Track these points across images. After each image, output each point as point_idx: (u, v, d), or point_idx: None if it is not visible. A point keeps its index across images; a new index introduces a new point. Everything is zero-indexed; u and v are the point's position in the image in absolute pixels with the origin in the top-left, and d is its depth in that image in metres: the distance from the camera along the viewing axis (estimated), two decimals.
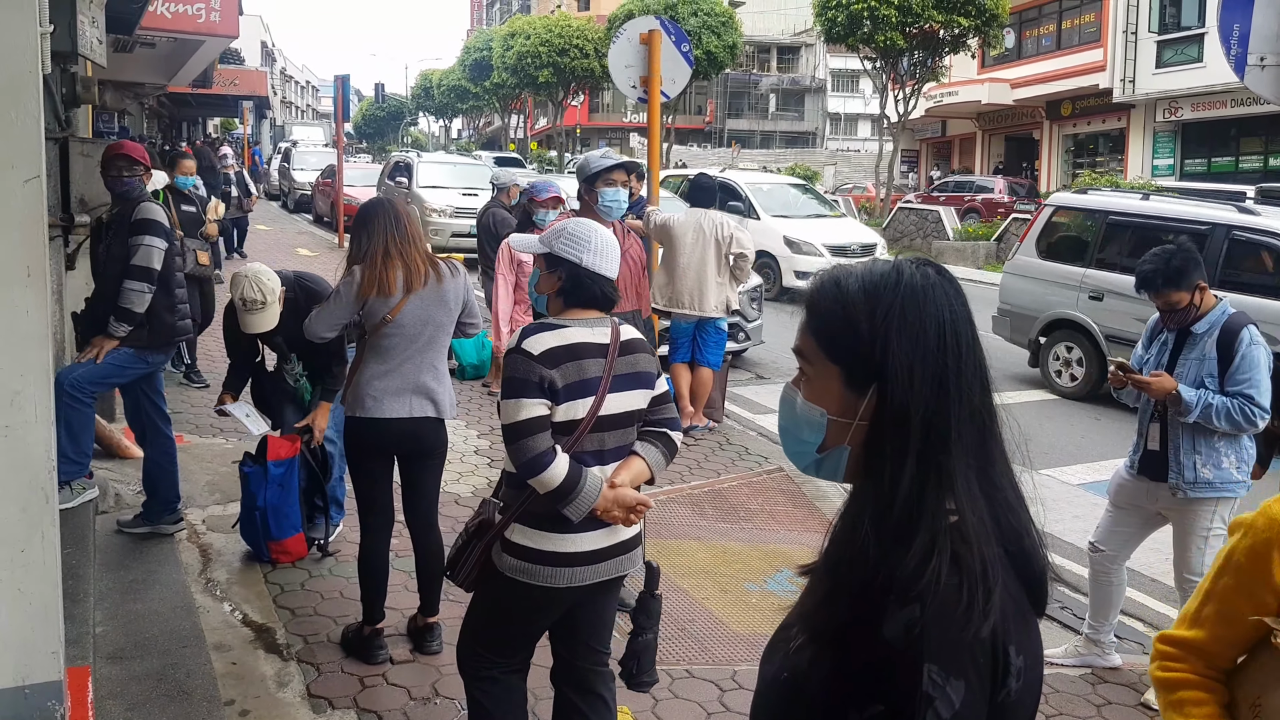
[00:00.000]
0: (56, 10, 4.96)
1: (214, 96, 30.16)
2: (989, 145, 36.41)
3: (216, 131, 53.45)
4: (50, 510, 2.54)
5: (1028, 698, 1.20)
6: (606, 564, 2.77)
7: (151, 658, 3.82)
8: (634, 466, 2.80)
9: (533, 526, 2.71)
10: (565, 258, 2.74)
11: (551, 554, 2.69)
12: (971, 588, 1.13)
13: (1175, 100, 26.48)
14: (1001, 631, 1.15)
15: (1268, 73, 3.86)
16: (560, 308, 2.79)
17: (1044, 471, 7.11)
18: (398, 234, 3.73)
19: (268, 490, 4.55)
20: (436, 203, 17.30)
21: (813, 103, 63.71)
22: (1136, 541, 4.17)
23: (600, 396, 2.71)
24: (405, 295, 3.70)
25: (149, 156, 5.03)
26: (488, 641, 2.85)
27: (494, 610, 2.83)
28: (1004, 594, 1.17)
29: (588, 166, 4.90)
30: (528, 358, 2.63)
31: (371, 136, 79.25)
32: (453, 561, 2.88)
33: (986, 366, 1.24)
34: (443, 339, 3.85)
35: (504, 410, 2.66)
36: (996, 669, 1.16)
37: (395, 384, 3.73)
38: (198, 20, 13.56)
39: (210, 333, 9.96)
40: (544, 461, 2.61)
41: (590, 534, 2.72)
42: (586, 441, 2.71)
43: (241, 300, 4.40)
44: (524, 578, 2.71)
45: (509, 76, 43.19)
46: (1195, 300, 3.83)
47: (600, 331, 2.75)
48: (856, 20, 24.97)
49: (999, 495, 1.23)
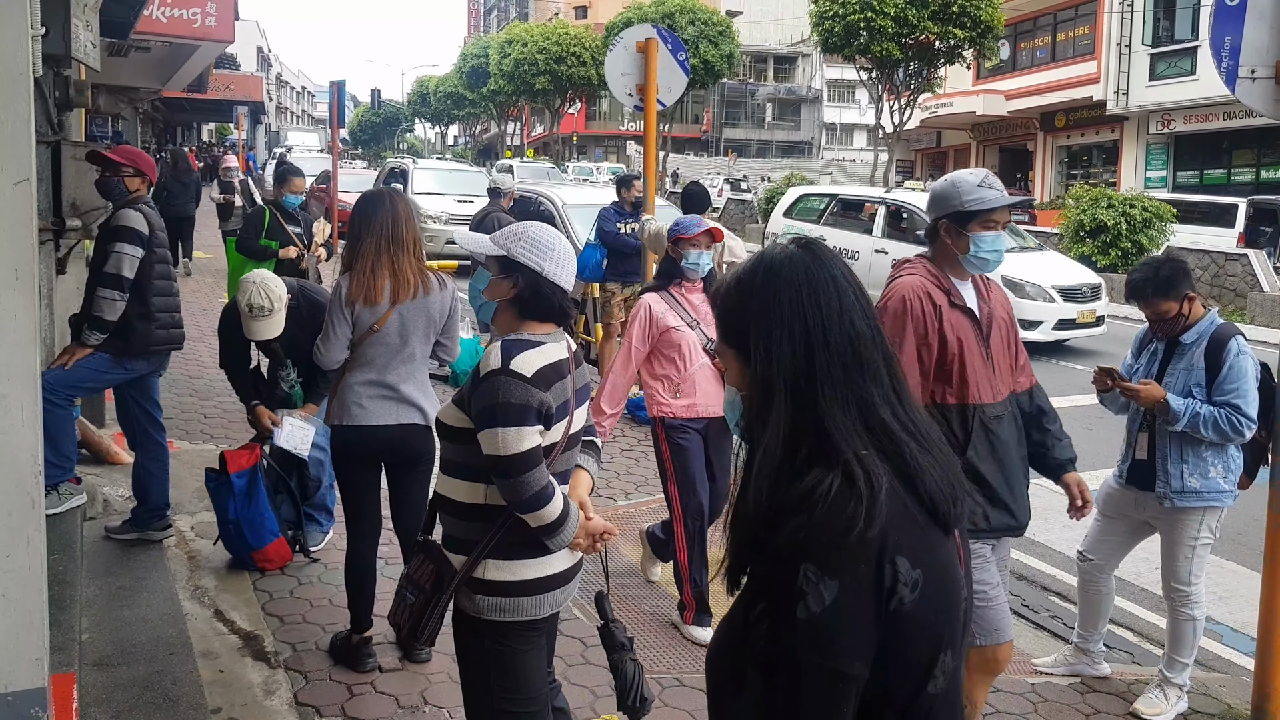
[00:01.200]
0: (50, 13, 4.96)
1: (209, 101, 30.15)
2: (983, 156, 36.51)
3: (211, 136, 53.42)
4: (36, 515, 2.53)
5: (932, 615, 1.27)
6: (574, 582, 2.69)
7: (138, 665, 3.81)
8: (585, 482, 2.72)
9: (508, 558, 2.51)
10: (525, 264, 2.52)
11: (531, 582, 2.52)
12: (856, 498, 1.25)
13: (1168, 113, 26.62)
14: (892, 544, 1.24)
15: (1259, 85, 3.87)
16: (513, 320, 2.57)
17: (1035, 481, 7.11)
18: (392, 241, 3.69)
19: (235, 503, 4.52)
20: (431, 209, 17.32)
21: (809, 112, 63.94)
22: (1125, 551, 4.18)
23: (571, 416, 2.58)
24: (392, 306, 3.68)
25: (140, 159, 4.92)
26: (514, 697, 2.57)
27: (499, 663, 2.56)
28: (898, 510, 1.27)
29: None
30: (522, 380, 2.41)
31: (367, 143, 79.29)
32: (415, 628, 2.56)
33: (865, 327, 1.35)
34: (425, 350, 3.82)
35: (498, 440, 2.38)
36: (882, 576, 1.24)
37: (381, 392, 3.72)
38: (193, 25, 13.54)
39: (203, 339, 9.95)
40: (548, 495, 2.44)
41: (561, 554, 2.60)
42: (557, 463, 2.56)
43: (249, 306, 4.35)
44: (508, 615, 2.51)
45: (506, 84, 43.29)
46: (1184, 310, 3.84)
47: (562, 345, 2.59)
48: (853, 31, 25.08)
49: (887, 434, 1.32)
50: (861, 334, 1.35)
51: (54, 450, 4.55)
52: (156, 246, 4.78)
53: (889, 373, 1.36)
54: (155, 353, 4.87)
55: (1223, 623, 4.95)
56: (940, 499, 1.32)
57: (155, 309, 4.78)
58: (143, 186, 4.86)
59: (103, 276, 4.59)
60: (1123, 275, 13.77)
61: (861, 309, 1.38)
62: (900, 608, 1.25)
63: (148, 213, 4.76)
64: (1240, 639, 4.77)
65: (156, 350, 4.87)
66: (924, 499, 1.30)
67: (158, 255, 4.80)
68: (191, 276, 14.25)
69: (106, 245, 4.63)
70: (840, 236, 13.77)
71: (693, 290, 4.50)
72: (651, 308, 4.42)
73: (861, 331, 1.36)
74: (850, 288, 1.38)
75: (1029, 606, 5.04)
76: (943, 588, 1.30)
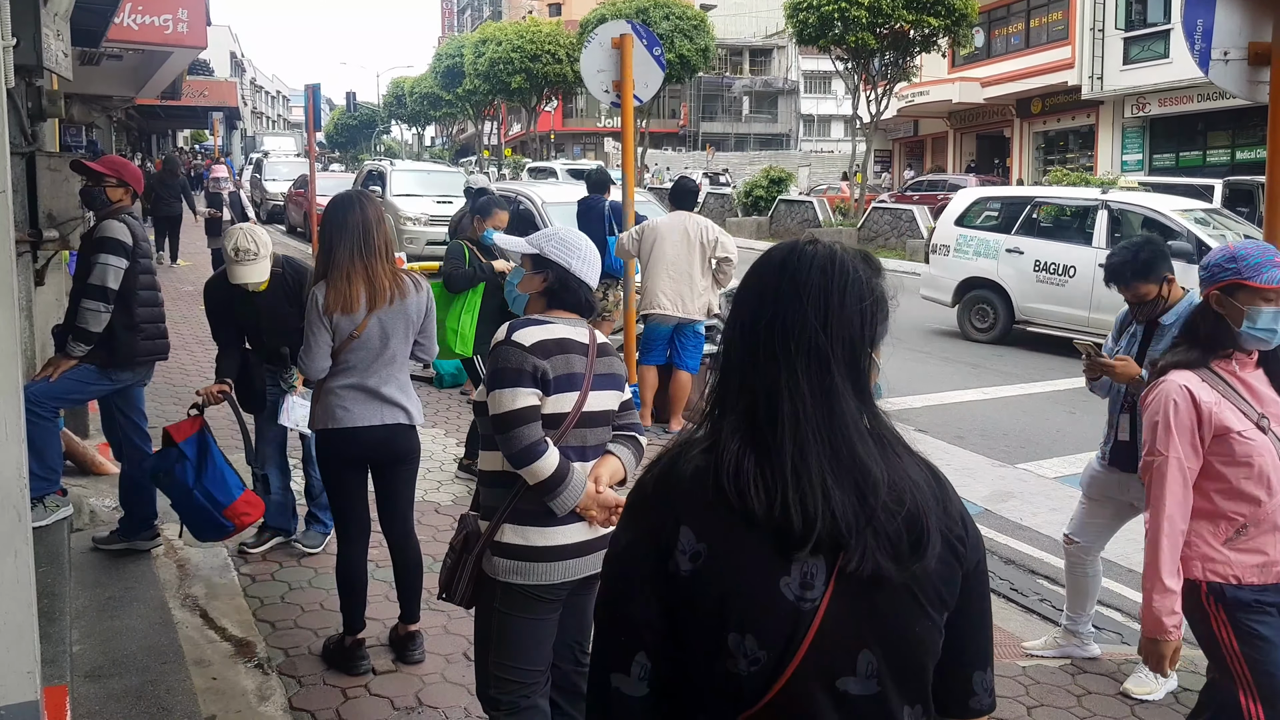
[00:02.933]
0: (20, 23, 4.92)
1: (183, 108, 29.98)
2: (961, 144, 36.69)
3: (187, 143, 53.07)
4: (23, 528, 2.52)
5: (715, 594, 1.34)
6: (591, 558, 2.77)
7: (130, 675, 3.79)
8: (611, 464, 2.85)
9: (521, 524, 2.73)
10: (555, 261, 2.80)
11: (542, 549, 2.72)
12: (667, 463, 1.43)
13: (1143, 96, 26.80)
14: (685, 514, 1.36)
15: (1232, 67, 3.91)
16: (542, 308, 2.84)
17: (1021, 466, 7.17)
18: (365, 248, 3.68)
19: (192, 471, 4.44)
20: (411, 211, 17.26)
21: (786, 105, 64.02)
22: (1110, 532, 4.21)
23: (585, 392, 2.76)
24: (369, 312, 3.68)
25: (125, 170, 4.86)
26: (504, 663, 2.78)
27: (499, 625, 2.78)
28: (699, 490, 1.36)
29: None
30: (519, 348, 2.67)
31: (344, 146, 78.90)
32: (446, 582, 2.85)
33: (793, 325, 1.38)
34: (405, 352, 3.83)
35: (496, 400, 2.67)
36: (660, 535, 1.37)
37: (363, 394, 3.72)
38: (165, 31, 13.44)
39: (185, 348, 9.89)
40: (538, 451, 2.65)
41: (573, 526, 2.76)
42: (571, 436, 2.76)
43: (234, 250, 4.36)
44: (518, 578, 2.72)
45: (481, 83, 43.14)
46: (1163, 292, 3.87)
47: (581, 331, 2.83)
48: (828, 22, 25.11)
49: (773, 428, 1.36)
50: (787, 333, 1.37)
51: (39, 463, 4.52)
52: (140, 257, 4.74)
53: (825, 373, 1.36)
54: (140, 363, 4.85)
55: None
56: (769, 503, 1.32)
57: (140, 320, 4.75)
58: (126, 197, 4.81)
59: (87, 288, 4.56)
60: None
61: (826, 307, 1.38)
62: (678, 572, 1.36)
63: (131, 223, 4.72)
64: None
65: (142, 361, 4.85)
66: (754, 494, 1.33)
67: (142, 266, 4.77)
68: (172, 284, 14.07)
69: (90, 256, 4.59)
70: (1047, 249, 11.58)
71: (1246, 366, 2.89)
72: (1195, 396, 2.80)
73: (788, 330, 1.37)
74: (822, 290, 1.39)
75: (1017, 590, 5.08)
76: (737, 576, 1.34)
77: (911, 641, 1.36)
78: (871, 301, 1.41)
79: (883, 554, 1.32)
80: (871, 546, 1.32)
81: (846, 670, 1.34)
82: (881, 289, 1.44)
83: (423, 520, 4.19)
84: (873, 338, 1.41)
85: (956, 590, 1.40)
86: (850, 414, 1.36)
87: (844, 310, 1.38)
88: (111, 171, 4.77)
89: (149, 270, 4.85)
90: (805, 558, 1.33)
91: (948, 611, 1.39)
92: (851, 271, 1.41)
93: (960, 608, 1.41)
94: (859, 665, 1.34)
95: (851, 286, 1.40)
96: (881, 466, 1.35)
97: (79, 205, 5.30)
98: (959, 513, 1.42)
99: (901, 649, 1.36)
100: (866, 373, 1.40)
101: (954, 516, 1.40)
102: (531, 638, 2.80)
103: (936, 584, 1.37)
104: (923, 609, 1.36)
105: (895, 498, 1.33)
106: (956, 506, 1.42)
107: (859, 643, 1.34)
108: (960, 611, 1.41)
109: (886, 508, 1.32)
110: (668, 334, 7.43)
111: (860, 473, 1.33)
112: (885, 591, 1.34)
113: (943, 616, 1.39)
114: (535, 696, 2.81)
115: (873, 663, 1.34)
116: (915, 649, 1.37)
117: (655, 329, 7.47)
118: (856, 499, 1.32)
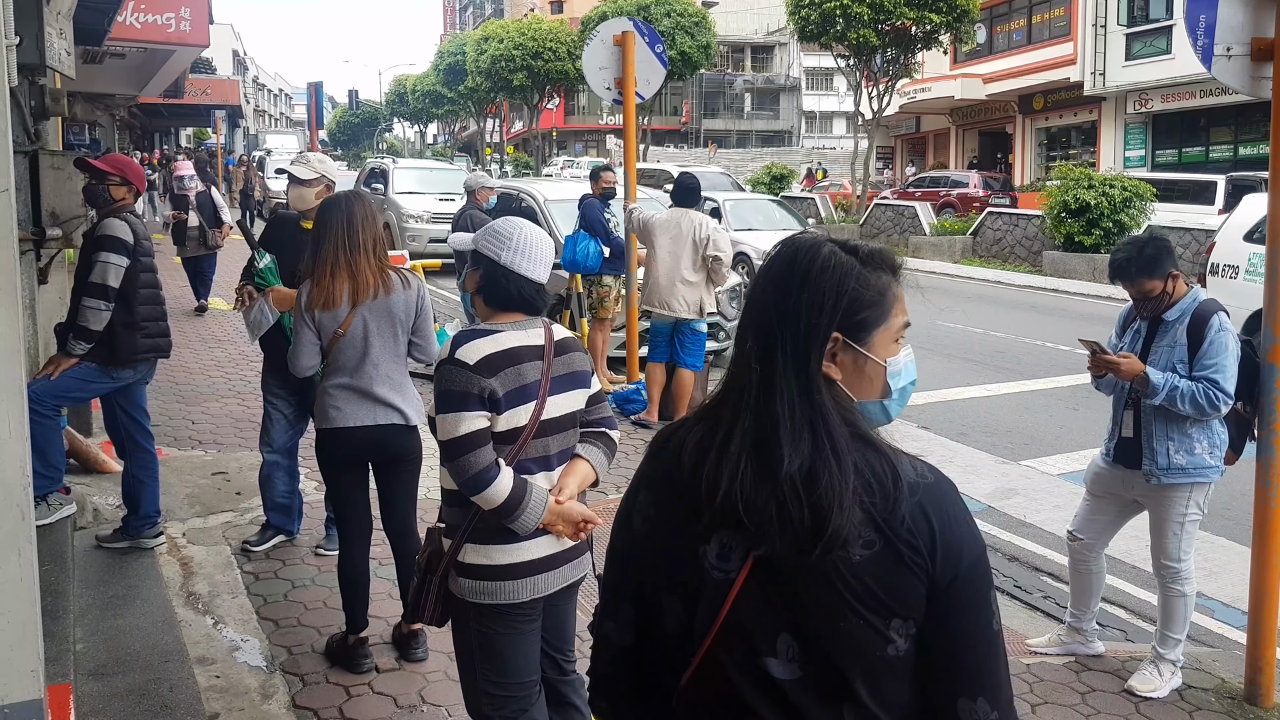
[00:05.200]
0: (23, 22, 4.92)
1: (186, 106, 29.98)
2: (963, 140, 36.63)
3: (189, 141, 53.09)
4: (26, 527, 2.52)
5: (651, 551, 1.47)
6: (562, 570, 2.71)
7: (134, 673, 3.79)
8: (579, 470, 2.73)
9: (483, 542, 2.61)
10: (484, 254, 2.65)
11: (506, 567, 2.61)
12: (655, 436, 1.54)
13: (1145, 92, 26.74)
14: (648, 479, 1.49)
15: (1234, 62, 3.89)
16: (484, 309, 2.70)
17: (1024, 462, 7.16)
18: (348, 244, 3.66)
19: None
20: (413, 208, 17.25)
21: (788, 101, 63.96)
22: (1114, 529, 4.20)
23: (541, 401, 2.63)
24: (353, 309, 3.66)
25: (129, 169, 4.85)
26: (495, 679, 2.69)
27: (481, 644, 2.68)
28: (667, 461, 1.45)
29: None
30: (463, 368, 2.53)
31: (346, 143, 78.96)
32: (413, 605, 2.73)
33: (758, 310, 1.41)
34: (395, 350, 3.78)
35: (441, 425, 2.54)
36: (634, 497, 1.51)
37: (355, 394, 3.70)
38: (167, 30, 13.45)
39: (188, 346, 9.91)
40: (487, 478, 2.52)
41: (539, 541, 2.65)
42: (530, 448, 2.63)
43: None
44: (486, 599, 2.61)
45: (483, 80, 43.16)
46: (1168, 288, 3.86)
47: (534, 333, 2.67)
48: (829, 18, 25.10)
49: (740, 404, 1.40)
50: (759, 313, 1.42)
51: (42, 461, 4.52)
52: (142, 255, 4.74)
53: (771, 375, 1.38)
54: (142, 361, 4.84)
55: (1214, 598, 4.99)
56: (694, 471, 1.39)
57: (141, 318, 4.74)
58: (129, 196, 4.81)
59: (88, 286, 4.56)
60: (1105, 255, 13.82)
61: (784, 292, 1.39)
62: (633, 529, 1.49)
63: (133, 221, 4.72)
64: (1231, 613, 4.81)
65: (143, 359, 4.84)
66: (685, 461, 1.41)
67: (143, 264, 4.76)
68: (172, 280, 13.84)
69: (91, 255, 4.60)
70: None
71: None
72: None
73: (769, 324, 1.39)
74: (785, 277, 1.40)
75: (1021, 588, 5.07)
76: (666, 538, 1.44)
77: (837, 636, 1.31)
78: (841, 290, 1.37)
79: (784, 539, 1.30)
80: (774, 529, 1.30)
81: (767, 650, 1.34)
82: (865, 278, 1.40)
83: (425, 518, 4.18)
84: (850, 328, 1.38)
85: (916, 601, 1.32)
86: (788, 400, 1.34)
87: (800, 296, 1.37)
88: (115, 170, 4.77)
89: (150, 269, 4.84)
90: (724, 532, 1.36)
91: (905, 620, 1.32)
92: (821, 260, 1.38)
93: (935, 623, 1.33)
94: (779, 647, 1.34)
95: (817, 274, 1.37)
96: (802, 452, 1.31)
97: (82, 204, 5.31)
98: (916, 522, 1.31)
99: (824, 641, 1.32)
100: (818, 359, 1.36)
101: (900, 521, 1.30)
102: (518, 651, 2.70)
103: (870, 584, 1.30)
104: (849, 605, 1.30)
105: (808, 486, 1.29)
106: (915, 515, 1.32)
107: (778, 625, 1.34)
108: (936, 628, 1.33)
109: (795, 493, 1.29)
110: (668, 331, 7.43)
111: (776, 455, 1.32)
112: (804, 579, 1.31)
113: (891, 622, 1.31)
114: (533, 710, 2.74)
115: (792, 647, 1.33)
116: (842, 644, 1.31)
117: (655, 326, 7.48)
118: (769, 483, 1.31)
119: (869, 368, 1.41)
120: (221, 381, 8.36)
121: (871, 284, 1.40)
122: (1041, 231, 19.31)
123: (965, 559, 1.34)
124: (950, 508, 1.36)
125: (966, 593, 1.34)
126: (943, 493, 1.37)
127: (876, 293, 1.40)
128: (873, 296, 1.40)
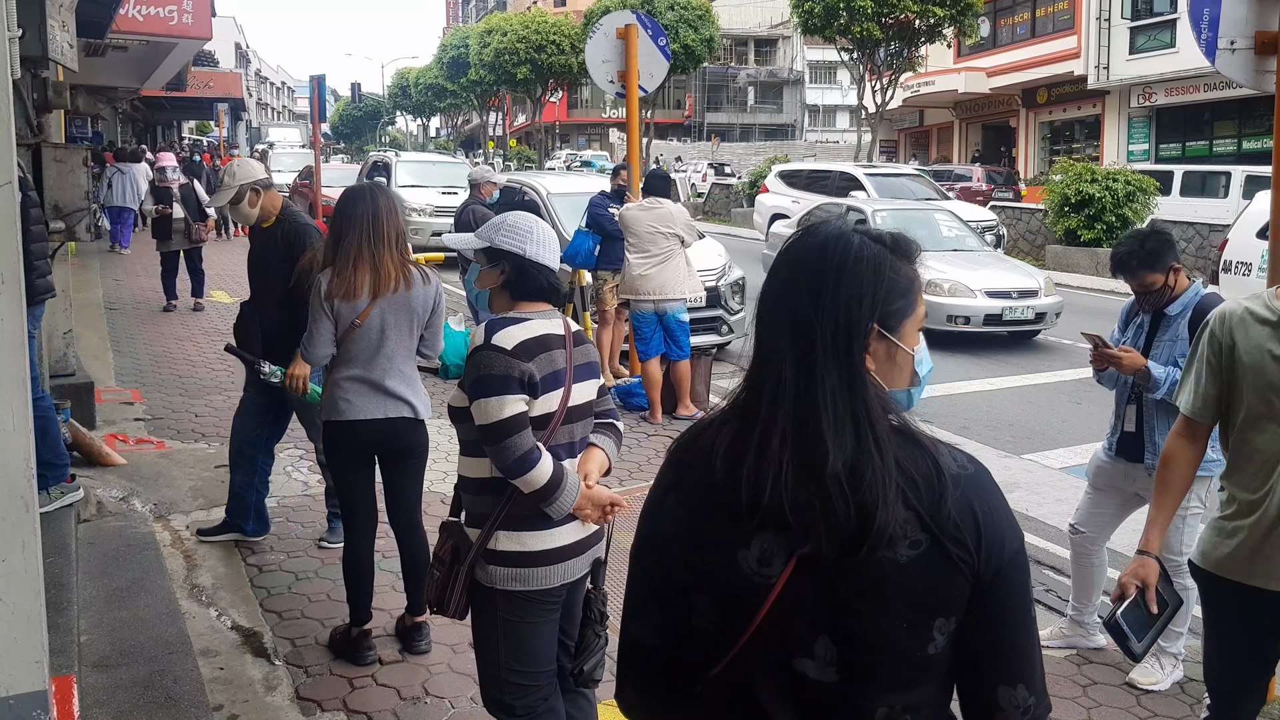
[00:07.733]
0: (26, 14, 4.92)
1: (188, 99, 29.96)
2: (966, 134, 36.58)
3: (191, 134, 53.07)
4: (31, 519, 2.52)
5: (680, 549, 1.43)
6: (585, 556, 2.76)
7: (138, 665, 3.80)
8: (597, 458, 2.78)
9: (516, 529, 2.65)
10: (508, 250, 2.68)
11: (541, 553, 2.65)
12: (681, 435, 1.51)
13: (1149, 86, 26.68)
14: (678, 461, 1.46)
15: (1238, 56, 3.88)
16: (507, 302, 2.73)
17: (1027, 456, 7.16)
18: (372, 235, 3.68)
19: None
20: (416, 202, 17.26)
21: (791, 95, 63.85)
22: (1116, 523, 4.21)
23: (568, 387, 2.69)
24: (372, 301, 3.68)
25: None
26: (518, 668, 2.70)
27: (506, 632, 2.69)
28: (698, 452, 1.41)
29: None
30: (502, 353, 2.57)
31: (349, 137, 78.90)
32: (439, 596, 2.73)
33: (788, 304, 1.36)
34: (409, 344, 3.80)
35: (482, 409, 2.56)
36: (665, 476, 1.48)
37: (366, 387, 3.71)
38: (170, 23, 13.46)
39: (191, 339, 9.91)
40: (532, 460, 2.56)
41: (568, 527, 2.70)
42: (559, 434, 2.68)
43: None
44: (518, 585, 2.64)
45: (486, 74, 43.12)
46: (1170, 282, 3.85)
47: (557, 323, 2.73)
48: (833, 12, 25.08)
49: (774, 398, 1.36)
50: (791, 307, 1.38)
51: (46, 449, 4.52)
52: (28, 190, 4.64)
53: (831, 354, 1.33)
54: (36, 303, 4.73)
55: None
56: (730, 474, 1.34)
57: (34, 256, 4.61)
58: None
59: None
60: (1108, 249, 13.80)
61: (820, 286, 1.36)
62: (662, 531, 1.44)
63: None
64: None
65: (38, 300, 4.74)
66: (720, 465, 1.36)
67: (31, 200, 4.63)
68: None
69: None
70: None
71: None
72: None
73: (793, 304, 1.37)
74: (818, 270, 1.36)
75: None
76: (699, 540, 1.39)
77: (880, 637, 1.30)
78: (879, 281, 1.35)
79: (830, 538, 1.27)
80: (820, 530, 1.27)
81: (804, 652, 1.32)
82: (897, 268, 1.38)
83: (429, 512, 4.20)
84: (884, 318, 1.36)
85: (959, 598, 1.31)
86: (830, 393, 1.30)
87: (839, 289, 1.33)
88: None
89: (36, 204, 4.75)
90: (765, 535, 1.31)
91: (948, 619, 1.31)
92: (855, 250, 1.36)
93: (977, 616, 1.32)
94: (816, 650, 1.31)
95: (853, 265, 1.34)
96: (845, 447, 1.28)
97: (84, 196, 5.32)
98: (963, 517, 1.30)
99: (866, 642, 1.30)
100: (860, 351, 1.33)
101: (947, 517, 1.29)
102: (541, 640, 2.75)
103: (917, 585, 1.28)
104: (895, 608, 1.29)
105: (853, 483, 1.26)
106: (961, 510, 1.31)
107: (817, 627, 1.31)
108: (978, 621, 1.32)
109: (840, 492, 1.26)
110: (654, 321, 7.46)
111: (820, 451, 1.28)
112: (850, 581, 1.29)
113: (935, 621, 1.31)
114: (553, 699, 2.77)
115: (831, 650, 1.31)
116: (884, 645, 1.30)
117: (640, 317, 7.52)
118: (814, 480, 1.28)
119: (899, 356, 1.41)
120: (224, 374, 8.36)
121: (903, 274, 1.40)
122: (1044, 225, 19.28)
123: (1008, 551, 1.34)
124: (991, 499, 1.35)
125: (1009, 585, 1.34)
126: (984, 484, 1.36)
127: (907, 282, 1.40)
128: (904, 286, 1.40)
